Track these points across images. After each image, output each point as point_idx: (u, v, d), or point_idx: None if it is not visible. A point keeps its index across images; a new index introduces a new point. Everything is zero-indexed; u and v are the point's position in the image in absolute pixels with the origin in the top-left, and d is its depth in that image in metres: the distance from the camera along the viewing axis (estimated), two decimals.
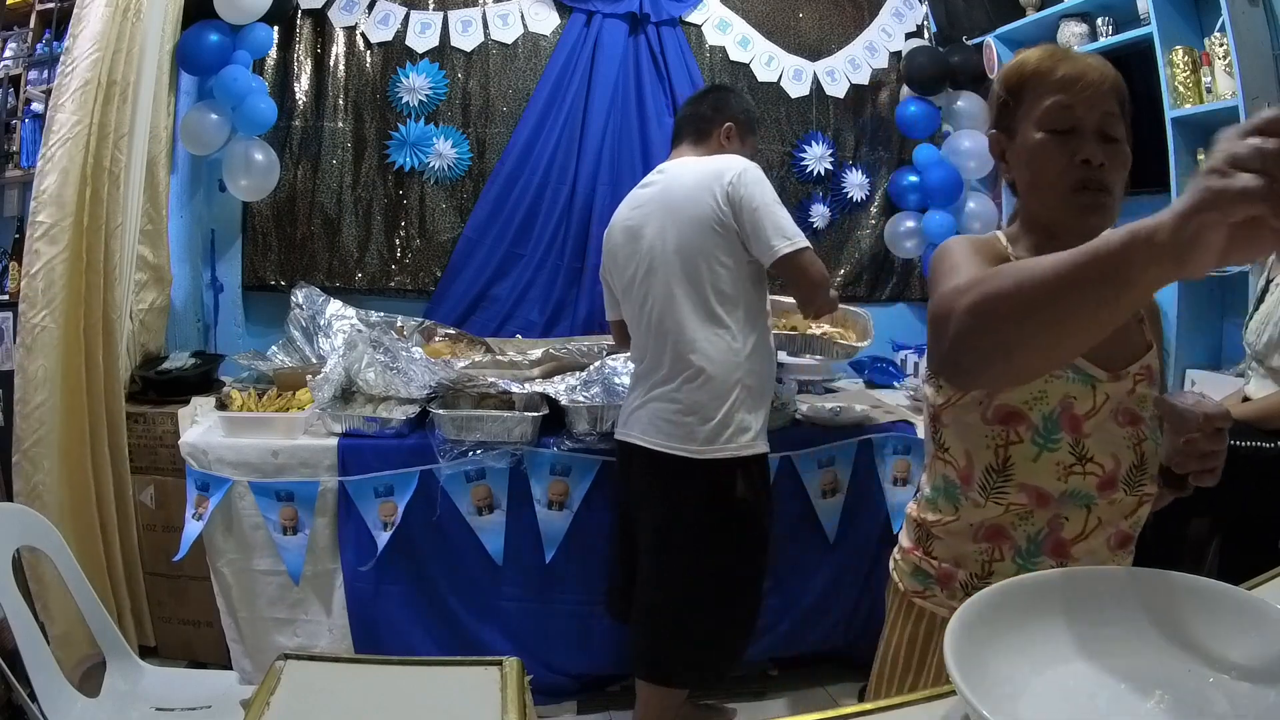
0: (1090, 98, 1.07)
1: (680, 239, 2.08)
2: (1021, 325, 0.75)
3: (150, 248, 2.76)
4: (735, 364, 2.06)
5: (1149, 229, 0.62)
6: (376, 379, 2.49)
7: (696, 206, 2.06)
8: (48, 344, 2.31)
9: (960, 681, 0.66)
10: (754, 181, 2.05)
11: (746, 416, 2.07)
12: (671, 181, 2.16)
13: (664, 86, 3.30)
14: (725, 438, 2.05)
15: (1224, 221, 0.58)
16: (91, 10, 2.33)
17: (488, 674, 0.68)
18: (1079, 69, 1.08)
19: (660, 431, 2.09)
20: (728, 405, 2.05)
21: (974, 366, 0.84)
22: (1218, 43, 2.46)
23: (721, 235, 2.05)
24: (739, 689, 2.60)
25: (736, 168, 2.07)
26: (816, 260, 2.06)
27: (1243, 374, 2.36)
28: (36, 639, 1.69)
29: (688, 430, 2.06)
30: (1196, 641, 0.75)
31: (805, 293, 2.08)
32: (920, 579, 1.19)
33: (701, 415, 2.05)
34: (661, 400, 2.10)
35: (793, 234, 2.02)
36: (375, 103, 3.18)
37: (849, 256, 3.64)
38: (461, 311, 3.20)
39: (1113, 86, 1.09)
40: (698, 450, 2.05)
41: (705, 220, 2.05)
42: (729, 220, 2.03)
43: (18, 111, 2.84)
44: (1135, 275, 0.65)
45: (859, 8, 3.59)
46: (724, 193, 2.03)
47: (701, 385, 2.05)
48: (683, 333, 2.07)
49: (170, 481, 2.52)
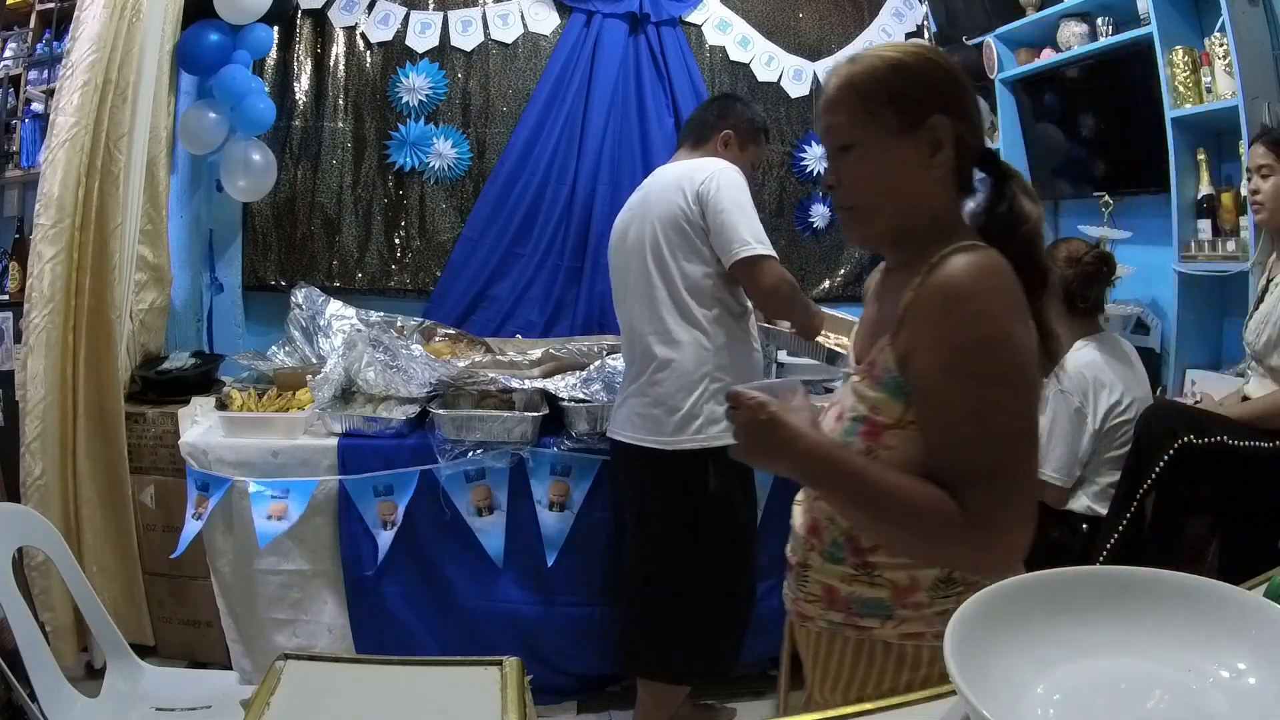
0: (819, 120, 1.07)
1: (653, 237, 2.12)
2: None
3: (150, 248, 2.76)
4: (703, 358, 2.08)
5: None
6: (376, 378, 2.49)
7: (668, 205, 2.10)
8: (49, 344, 2.33)
9: (960, 681, 0.66)
10: (727, 184, 2.06)
11: (718, 409, 2.07)
12: (654, 182, 2.21)
13: (664, 86, 3.30)
14: (694, 429, 2.06)
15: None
16: (91, 11, 2.33)
17: (488, 674, 0.68)
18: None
19: (633, 425, 2.13)
20: (695, 396, 2.06)
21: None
22: (1218, 43, 2.46)
23: (690, 233, 2.08)
24: (739, 689, 2.60)
25: (711, 169, 2.09)
26: (775, 269, 2.06)
27: (1242, 374, 2.36)
28: (36, 639, 1.69)
29: (656, 422, 2.09)
30: (1196, 641, 0.75)
31: (757, 299, 2.13)
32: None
33: (668, 406, 2.07)
34: (635, 395, 2.14)
35: (753, 239, 2.03)
36: (375, 103, 3.18)
37: (849, 256, 3.63)
38: (461, 311, 3.20)
39: (830, 99, 1.05)
40: (666, 441, 2.07)
41: (675, 218, 2.09)
42: (696, 219, 2.07)
43: (18, 111, 2.84)
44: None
45: (859, 8, 3.59)
46: (694, 192, 2.07)
47: (667, 377, 2.08)
48: (652, 327, 2.11)
49: (170, 481, 2.52)
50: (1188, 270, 2.62)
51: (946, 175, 1.03)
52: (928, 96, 1.01)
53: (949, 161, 1.02)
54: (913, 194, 1.03)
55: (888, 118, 1.01)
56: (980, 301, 0.93)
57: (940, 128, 1.01)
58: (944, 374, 0.94)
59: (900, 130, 1.01)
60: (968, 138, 1.03)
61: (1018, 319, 0.95)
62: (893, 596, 1.02)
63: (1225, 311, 2.70)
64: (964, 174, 1.06)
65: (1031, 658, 0.75)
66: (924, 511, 0.94)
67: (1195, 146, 2.63)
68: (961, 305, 0.93)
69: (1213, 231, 2.57)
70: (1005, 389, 0.93)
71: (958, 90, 1.05)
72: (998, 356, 0.93)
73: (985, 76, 3.40)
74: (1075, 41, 3.00)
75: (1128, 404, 2.25)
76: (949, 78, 1.04)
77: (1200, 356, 2.70)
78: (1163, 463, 2.02)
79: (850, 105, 1.03)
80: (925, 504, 0.94)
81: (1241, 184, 2.28)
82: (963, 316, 0.93)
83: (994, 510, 0.93)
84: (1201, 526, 2.20)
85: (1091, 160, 3.12)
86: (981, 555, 0.96)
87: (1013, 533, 0.94)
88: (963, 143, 1.03)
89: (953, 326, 0.93)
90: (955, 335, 0.93)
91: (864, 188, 1.04)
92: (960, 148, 1.03)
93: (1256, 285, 2.25)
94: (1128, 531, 2.08)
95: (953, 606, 0.96)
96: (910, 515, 0.96)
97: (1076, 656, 0.76)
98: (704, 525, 2.12)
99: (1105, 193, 2.90)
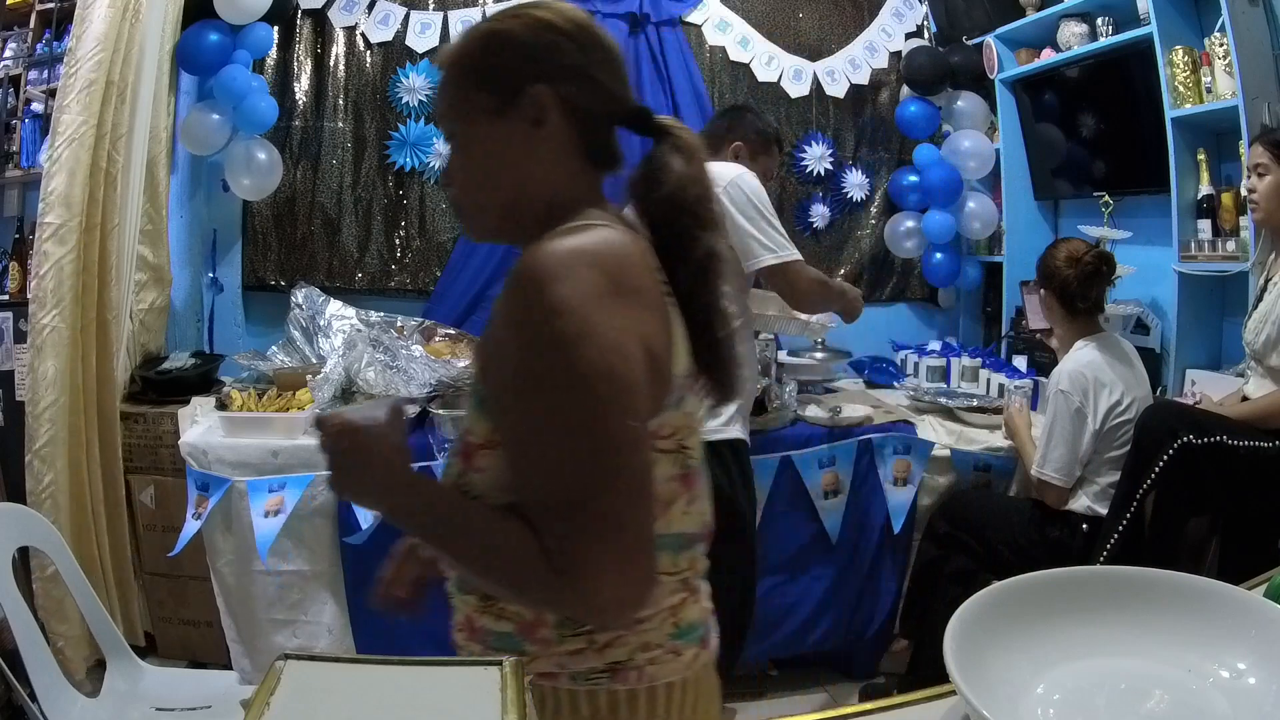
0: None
1: None
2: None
3: (150, 248, 2.76)
4: None
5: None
6: (376, 378, 2.49)
7: None
8: (57, 345, 2.31)
9: (960, 681, 0.66)
10: (751, 190, 2.10)
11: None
12: None
13: (664, 87, 3.30)
14: None
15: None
16: (94, 10, 2.33)
17: (488, 674, 0.68)
18: None
19: None
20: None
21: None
22: (1218, 43, 2.46)
23: None
24: (739, 689, 2.60)
25: (733, 174, 2.12)
26: (807, 271, 2.15)
27: (1242, 374, 2.36)
28: (36, 639, 1.69)
29: None
30: (1196, 641, 0.75)
31: (794, 300, 2.19)
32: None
33: None
34: None
35: (783, 244, 2.09)
36: (375, 103, 3.18)
37: (849, 256, 3.64)
38: (461, 311, 3.19)
39: (438, 85, 0.94)
40: None
41: None
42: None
43: (18, 111, 2.84)
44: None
45: (859, 8, 3.59)
46: (717, 196, 2.06)
47: None
48: None
49: (170, 481, 2.51)
50: (1188, 270, 2.62)
51: (561, 149, 0.90)
52: (523, 65, 0.88)
53: (560, 134, 0.89)
54: (520, 179, 0.90)
55: (482, 98, 0.89)
56: (551, 293, 0.76)
57: (541, 96, 0.87)
58: (511, 382, 0.80)
59: (496, 109, 0.89)
60: (584, 102, 0.90)
61: (606, 311, 0.77)
62: (519, 631, 0.89)
63: (1225, 311, 2.70)
64: (594, 143, 0.92)
65: (1031, 658, 0.75)
66: (505, 554, 0.80)
67: (1195, 146, 2.63)
68: (528, 300, 0.78)
69: (1213, 231, 2.57)
70: (582, 397, 0.76)
71: (566, 50, 0.89)
72: (572, 358, 0.75)
73: (985, 77, 3.41)
74: (1075, 41, 3.00)
75: (1128, 404, 2.25)
76: (551, 39, 0.89)
77: (1200, 356, 2.70)
78: (1162, 463, 2.02)
79: (448, 90, 0.93)
80: (505, 545, 0.79)
81: (1241, 184, 2.28)
82: (529, 314, 0.77)
83: (575, 549, 0.76)
84: (1201, 526, 2.20)
85: (1091, 160, 3.12)
86: (575, 603, 0.78)
87: (604, 575, 0.75)
88: (577, 110, 0.89)
89: (519, 326, 0.79)
90: (521, 335, 0.78)
91: (467, 181, 0.92)
92: (577, 115, 0.89)
93: (1256, 285, 2.25)
94: (1128, 531, 2.09)
95: (586, 646, 0.88)
96: (490, 558, 0.82)
97: (1076, 656, 0.76)
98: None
99: (1105, 193, 2.90)
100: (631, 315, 0.80)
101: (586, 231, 0.83)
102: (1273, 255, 2.20)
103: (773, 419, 2.57)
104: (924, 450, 2.62)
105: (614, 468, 0.77)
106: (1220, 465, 2.00)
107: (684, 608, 0.94)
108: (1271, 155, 2.06)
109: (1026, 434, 2.50)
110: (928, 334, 3.65)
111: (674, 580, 0.93)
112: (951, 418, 2.81)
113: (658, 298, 0.86)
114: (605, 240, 0.83)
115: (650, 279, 0.86)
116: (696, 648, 0.95)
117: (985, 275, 3.60)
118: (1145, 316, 2.85)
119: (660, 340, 0.84)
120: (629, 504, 0.78)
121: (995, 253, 3.49)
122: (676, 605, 0.93)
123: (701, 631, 0.97)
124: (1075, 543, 2.25)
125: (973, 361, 3.19)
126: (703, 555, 1.00)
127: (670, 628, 0.93)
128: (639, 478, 0.80)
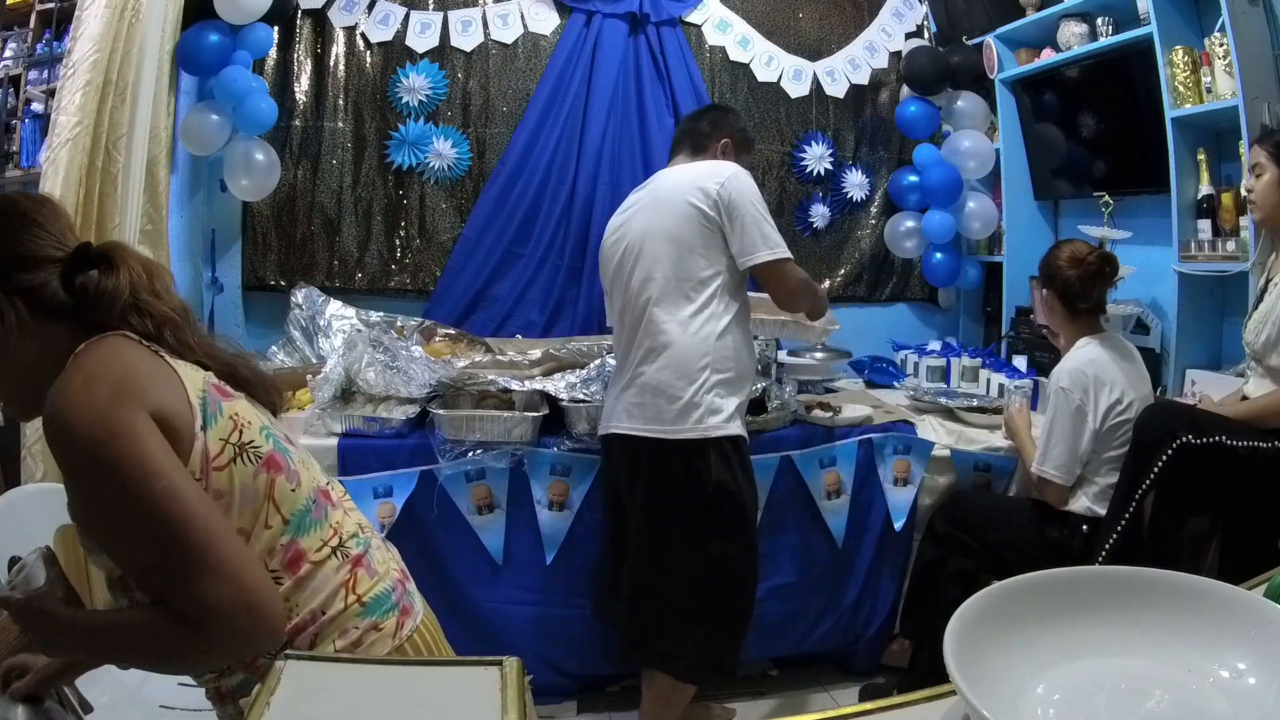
0: None
1: (665, 230, 2.14)
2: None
3: (150, 248, 2.75)
4: (703, 349, 2.09)
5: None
6: (376, 379, 2.49)
7: (684, 201, 2.13)
8: None
9: (960, 681, 0.66)
10: (746, 188, 2.13)
11: (718, 400, 2.10)
12: (663, 182, 2.24)
13: (664, 86, 3.30)
14: (695, 419, 2.08)
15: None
16: (92, 10, 2.33)
17: (488, 674, 0.68)
18: None
19: (631, 416, 2.14)
20: (695, 386, 2.08)
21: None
22: (1218, 43, 2.46)
23: (706, 229, 2.11)
24: (739, 689, 2.60)
25: (729, 172, 2.15)
26: (795, 271, 2.17)
27: (1242, 374, 2.36)
28: None
29: (656, 411, 2.10)
30: (1196, 641, 0.75)
31: (779, 298, 2.21)
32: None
33: (668, 395, 2.08)
34: (631, 386, 2.15)
35: (776, 243, 2.11)
36: (375, 103, 3.18)
37: (849, 256, 3.64)
38: (461, 311, 3.20)
39: None
40: (667, 430, 2.09)
41: (691, 214, 2.12)
42: (715, 219, 2.11)
43: (18, 111, 2.84)
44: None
45: (859, 8, 3.59)
46: (715, 193, 2.11)
47: (666, 364, 2.09)
48: (653, 317, 2.12)
49: None
50: (1188, 270, 2.62)
51: (26, 328, 1.01)
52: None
53: (21, 318, 1.00)
54: (10, 362, 1.02)
55: None
56: (66, 420, 0.92)
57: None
58: (82, 501, 0.96)
59: None
60: (26, 282, 1.00)
61: (115, 409, 0.92)
62: (246, 669, 1.04)
63: (1225, 311, 2.71)
64: (50, 300, 1.02)
65: (1031, 658, 0.75)
66: (147, 633, 0.95)
67: (1195, 146, 2.63)
68: (55, 432, 0.92)
69: (1213, 231, 2.58)
70: (135, 484, 0.90)
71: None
72: (113, 460, 0.90)
73: (985, 77, 3.41)
74: (1075, 41, 3.00)
75: (1128, 403, 2.25)
76: None
77: (1200, 356, 2.70)
78: (1162, 462, 2.02)
79: None
80: (141, 626, 0.96)
81: (1241, 184, 2.29)
82: (63, 443, 0.92)
83: (185, 595, 0.91)
84: (1201, 526, 2.21)
85: (1091, 160, 3.12)
86: (207, 643, 0.93)
87: (220, 609, 0.91)
88: (24, 292, 1.00)
89: (62, 455, 0.93)
90: (66, 463, 0.93)
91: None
92: (30, 296, 1.00)
93: (1256, 285, 2.25)
94: (1128, 531, 2.09)
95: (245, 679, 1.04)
96: (146, 644, 0.96)
97: (1076, 656, 0.76)
98: (709, 513, 2.12)
99: (1105, 193, 2.90)
100: (126, 398, 0.93)
101: (73, 361, 0.97)
102: (1272, 255, 2.20)
103: (773, 419, 2.57)
104: (924, 450, 2.63)
105: (190, 520, 0.91)
106: (1219, 465, 2.00)
107: (359, 584, 1.08)
108: (1269, 155, 2.07)
109: (1026, 434, 2.50)
110: (928, 334, 3.66)
111: (328, 558, 1.06)
112: (951, 418, 2.82)
113: (151, 369, 0.99)
114: (89, 354, 0.97)
115: (140, 357, 0.99)
116: (397, 616, 1.10)
117: (985, 275, 3.60)
118: (1145, 316, 2.86)
119: (166, 394, 0.98)
120: (218, 544, 0.92)
121: (995, 253, 3.50)
122: (349, 582, 1.07)
123: (393, 600, 1.11)
124: (1075, 543, 2.25)
125: (973, 361, 3.19)
126: (346, 516, 1.12)
127: (357, 607, 1.06)
128: (196, 511, 0.93)
